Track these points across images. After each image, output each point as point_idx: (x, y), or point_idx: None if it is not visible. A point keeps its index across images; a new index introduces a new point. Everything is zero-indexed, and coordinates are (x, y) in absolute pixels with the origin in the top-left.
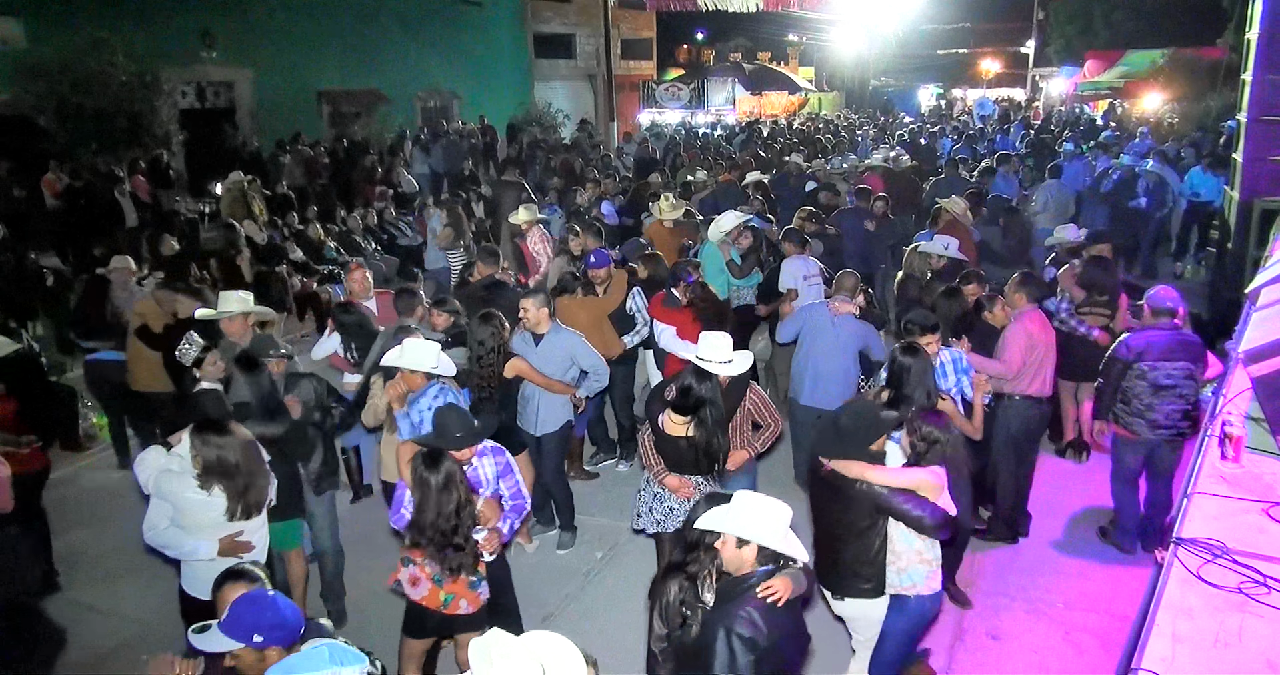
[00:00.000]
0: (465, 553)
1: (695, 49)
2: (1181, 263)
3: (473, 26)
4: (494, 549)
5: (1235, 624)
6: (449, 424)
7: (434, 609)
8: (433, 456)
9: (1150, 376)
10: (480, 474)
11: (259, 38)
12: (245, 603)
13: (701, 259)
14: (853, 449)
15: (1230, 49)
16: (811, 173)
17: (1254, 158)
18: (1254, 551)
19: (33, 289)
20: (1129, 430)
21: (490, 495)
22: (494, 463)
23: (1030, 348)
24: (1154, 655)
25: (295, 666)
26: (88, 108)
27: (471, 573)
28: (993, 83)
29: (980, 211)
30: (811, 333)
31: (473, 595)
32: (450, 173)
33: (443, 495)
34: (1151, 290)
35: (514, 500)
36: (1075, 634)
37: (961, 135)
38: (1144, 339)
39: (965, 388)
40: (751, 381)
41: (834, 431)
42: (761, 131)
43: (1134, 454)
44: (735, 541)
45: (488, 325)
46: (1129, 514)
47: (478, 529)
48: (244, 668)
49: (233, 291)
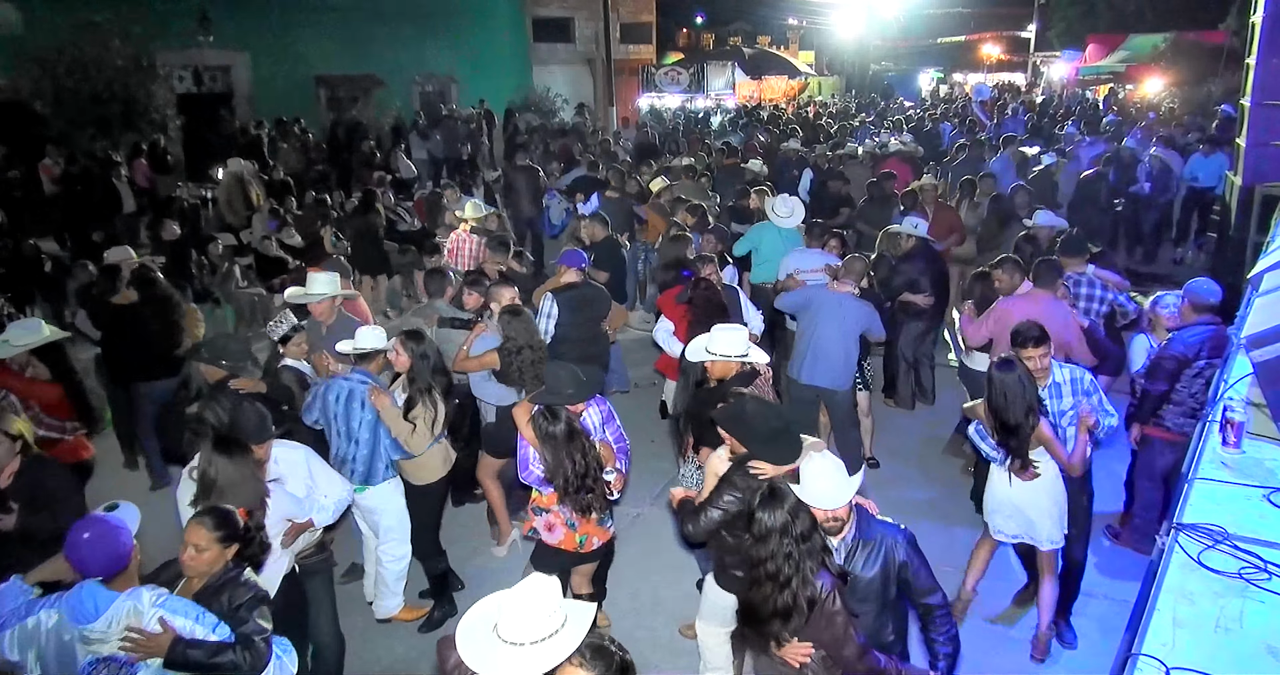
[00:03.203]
0: (596, 494)
1: (695, 33)
2: (1182, 248)
3: (471, 10)
4: (620, 488)
5: (1236, 609)
6: (562, 381)
7: (571, 550)
8: (552, 412)
9: (1208, 374)
10: (589, 422)
11: (256, 21)
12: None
13: (756, 242)
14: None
15: (1233, 33)
16: (814, 159)
17: (1256, 142)
18: (1255, 537)
19: (31, 275)
20: (1176, 432)
21: (599, 440)
22: (599, 411)
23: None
24: (1154, 640)
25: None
26: (84, 92)
27: (601, 511)
28: (994, 67)
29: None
30: (816, 312)
31: (602, 531)
32: (449, 158)
33: (571, 445)
34: (1190, 284)
35: (618, 443)
36: (1075, 619)
37: (963, 121)
38: (1197, 336)
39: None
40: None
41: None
42: (761, 117)
43: (1172, 455)
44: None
45: (518, 319)
46: (1152, 516)
47: (606, 471)
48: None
49: (321, 273)
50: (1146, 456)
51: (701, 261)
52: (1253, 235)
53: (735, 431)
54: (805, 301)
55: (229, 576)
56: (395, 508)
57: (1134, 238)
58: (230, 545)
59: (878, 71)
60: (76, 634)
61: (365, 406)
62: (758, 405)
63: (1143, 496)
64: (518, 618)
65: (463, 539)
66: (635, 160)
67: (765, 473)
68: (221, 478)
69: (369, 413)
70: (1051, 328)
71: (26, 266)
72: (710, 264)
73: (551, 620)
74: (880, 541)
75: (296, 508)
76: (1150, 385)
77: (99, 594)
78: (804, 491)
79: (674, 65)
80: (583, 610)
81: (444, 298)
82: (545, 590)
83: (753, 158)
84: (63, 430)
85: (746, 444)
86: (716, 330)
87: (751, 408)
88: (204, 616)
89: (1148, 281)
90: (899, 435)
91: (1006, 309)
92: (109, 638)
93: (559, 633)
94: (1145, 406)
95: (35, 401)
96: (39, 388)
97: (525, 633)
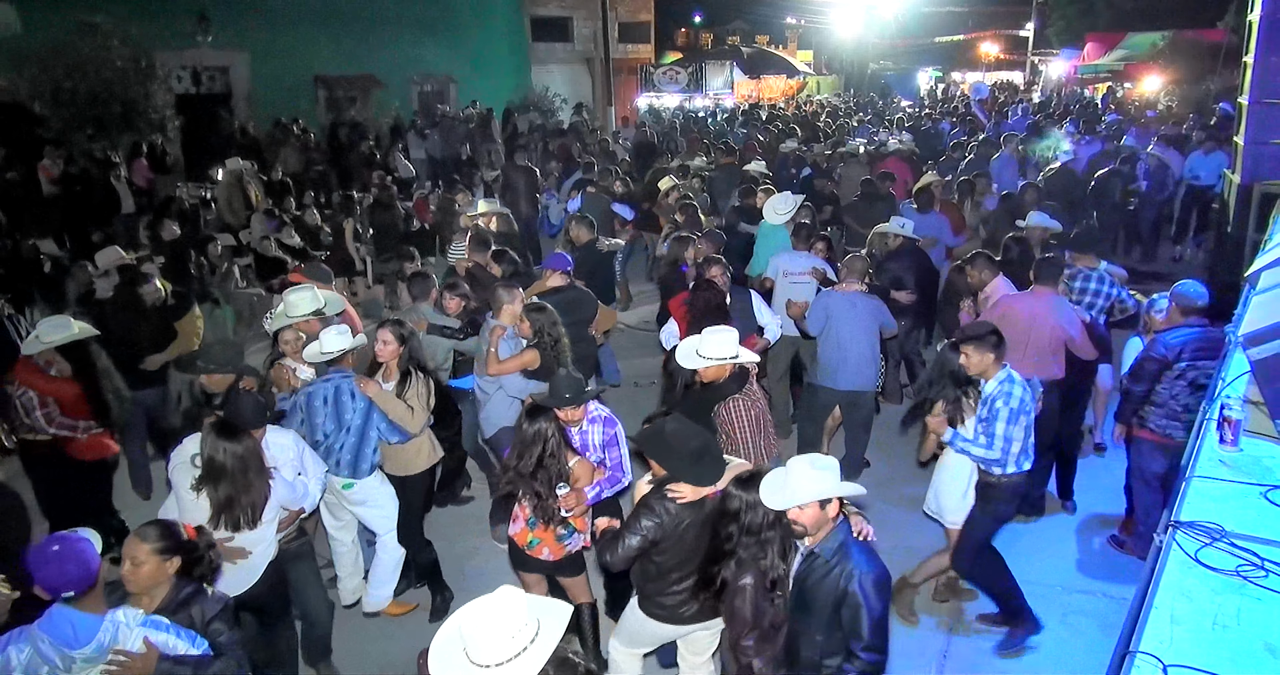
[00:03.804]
0: (547, 502)
1: (693, 32)
2: (1180, 247)
3: (469, 10)
4: (571, 507)
5: (1233, 607)
6: (560, 385)
7: (520, 546)
8: (534, 411)
9: (1190, 376)
10: (589, 440)
11: (254, 21)
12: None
13: (759, 239)
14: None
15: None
16: (812, 158)
17: (1255, 140)
18: (1252, 535)
19: (30, 275)
20: (1160, 434)
21: (596, 462)
22: (603, 432)
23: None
24: (1152, 638)
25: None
26: (82, 93)
27: (561, 525)
28: (992, 66)
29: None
30: (835, 318)
31: (557, 546)
32: (448, 157)
33: (531, 445)
34: (1177, 286)
35: (611, 471)
36: (1072, 617)
37: (962, 119)
38: (1179, 338)
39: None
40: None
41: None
42: (759, 116)
43: (1163, 458)
44: (819, 504)
45: (544, 314)
46: (1151, 521)
47: (562, 486)
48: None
49: (302, 291)
50: (1137, 459)
51: (709, 263)
52: (1251, 233)
53: (654, 453)
54: (825, 313)
55: (190, 592)
56: (386, 495)
57: (1133, 236)
58: (170, 558)
59: (876, 70)
60: (60, 661)
61: (356, 397)
62: (678, 426)
63: (1140, 502)
64: (482, 638)
65: (463, 538)
66: (634, 160)
67: (685, 496)
68: (231, 462)
69: (361, 401)
70: (1053, 323)
71: (26, 267)
72: (718, 266)
73: (519, 637)
74: (839, 564)
75: (291, 494)
76: (1131, 385)
77: (75, 617)
78: (761, 487)
79: (672, 64)
80: (557, 615)
81: (428, 301)
82: (506, 607)
83: (753, 157)
84: (74, 428)
85: (666, 465)
86: (707, 333)
87: (671, 428)
88: (180, 631)
89: (1147, 280)
90: (887, 431)
91: (1010, 305)
92: (98, 662)
93: (527, 650)
94: (1125, 406)
95: (55, 399)
96: (59, 385)
97: (490, 654)
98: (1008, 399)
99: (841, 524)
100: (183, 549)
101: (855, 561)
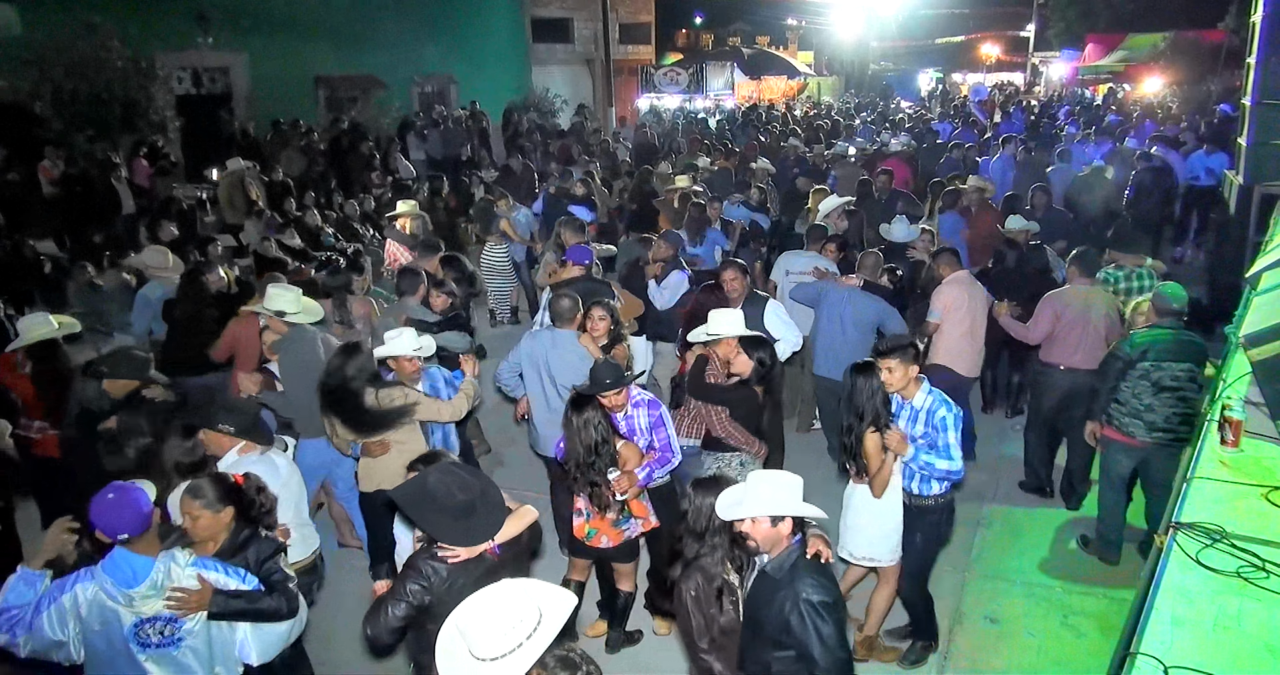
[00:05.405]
0: (603, 490)
1: (694, 33)
2: (1181, 247)
3: (470, 10)
4: (624, 490)
5: (1234, 608)
6: (600, 373)
7: (579, 538)
8: (579, 401)
9: (1154, 377)
10: (635, 424)
11: (254, 22)
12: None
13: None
14: None
15: (1232, 32)
16: (812, 159)
17: (1257, 142)
18: (1253, 536)
19: (30, 276)
20: (1123, 433)
21: (645, 446)
22: (648, 414)
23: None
24: (1153, 639)
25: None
26: (83, 93)
27: (617, 511)
28: (993, 67)
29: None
30: (821, 306)
31: (615, 532)
32: (448, 158)
33: (582, 433)
34: (1159, 287)
35: (661, 452)
36: (1074, 617)
37: (964, 120)
38: (1146, 338)
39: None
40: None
41: None
42: (760, 116)
43: (1127, 459)
44: (770, 520)
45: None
46: (1112, 523)
47: (613, 470)
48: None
49: (282, 290)
50: (1105, 459)
51: (725, 266)
52: (1252, 234)
53: (415, 512)
54: (817, 296)
55: (246, 535)
56: None
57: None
58: (224, 507)
59: (877, 71)
60: (121, 598)
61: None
62: (443, 476)
63: (1103, 502)
64: (480, 632)
65: None
66: (635, 160)
67: (457, 556)
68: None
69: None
70: (1103, 313)
71: (26, 268)
72: (732, 268)
73: (518, 630)
74: (786, 586)
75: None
76: (1096, 382)
77: (133, 559)
78: (721, 495)
79: (673, 65)
80: (560, 604)
81: (416, 297)
82: (504, 600)
83: (754, 157)
84: (29, 428)
85: (425, 525)
86: (713, 314)
87: (435, 481)
88: (231, 570)
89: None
90: None
91: (1058, 298)
92: (156, 598)
93: (524, 644)
94: (1094, 404)
95: (20, 398)
96: (22, 384)
97: (488, 648)
98: (948, 406)
99: (796, 543)
100: (232, 497)
101: (800, 585)
